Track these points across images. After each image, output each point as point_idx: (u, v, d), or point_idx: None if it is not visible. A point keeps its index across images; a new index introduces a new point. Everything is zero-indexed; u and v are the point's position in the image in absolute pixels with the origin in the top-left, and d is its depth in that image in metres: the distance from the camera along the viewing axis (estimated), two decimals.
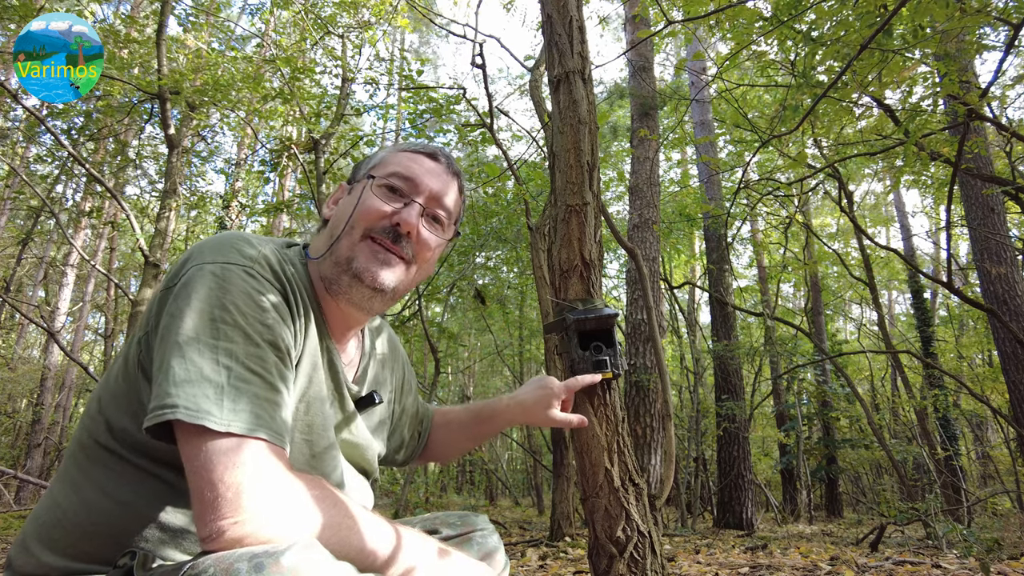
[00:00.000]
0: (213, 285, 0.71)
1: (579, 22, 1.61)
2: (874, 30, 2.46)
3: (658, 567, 1.35)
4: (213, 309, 0.70)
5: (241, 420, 0.65)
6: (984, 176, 5.10)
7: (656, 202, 6.78)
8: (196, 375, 0.66)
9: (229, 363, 0.67)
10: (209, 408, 0.64)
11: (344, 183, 0.98)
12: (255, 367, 0.69)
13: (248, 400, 0.67)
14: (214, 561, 0.57)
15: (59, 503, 0.76)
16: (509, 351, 11.79)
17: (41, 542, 0.75)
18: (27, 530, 0.77)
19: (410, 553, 0.74)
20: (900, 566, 3.14)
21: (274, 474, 0.65)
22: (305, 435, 0.83)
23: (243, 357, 0.69)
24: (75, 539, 0.74)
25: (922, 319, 10.75)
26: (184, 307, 0.70)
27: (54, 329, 9.24)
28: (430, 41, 19.83)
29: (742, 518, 6.89)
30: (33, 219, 9.33)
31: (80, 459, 0.78)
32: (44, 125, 5.25)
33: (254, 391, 0.68)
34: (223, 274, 0.73)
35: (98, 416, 0.78)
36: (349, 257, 0.86)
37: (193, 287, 0.71)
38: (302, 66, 6.06)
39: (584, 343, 1.40)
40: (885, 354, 8.73)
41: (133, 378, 0.76)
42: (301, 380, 0.82)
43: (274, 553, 0.56)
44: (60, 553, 0.73)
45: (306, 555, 0.58)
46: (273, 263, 0.79)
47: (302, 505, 0.66)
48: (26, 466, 9.67)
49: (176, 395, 0.64)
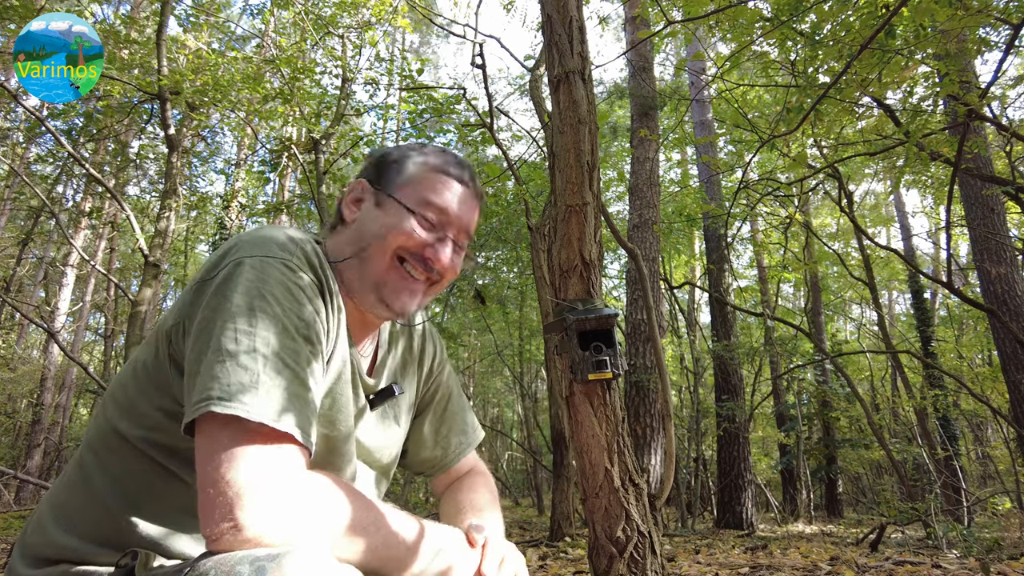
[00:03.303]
0: (252, 278, 0.72)
1: (579, 22, 1.62)
2: (874, 30, 2.46)
3: (658, 567, 1.35)
4: (252, 300, 0.70)
5: (272, 411, 0.65)
6: (984, 176, 5.10)
7: (656, 202, 6.78)
8: (233, 367, 0.65)
9: (266, 353, 0.67)
10: (243, 399, 0.64)
11: (365, 182, 0.95)
12: (289, 361, 0.69)
13: (280, 393, 0.67)
14: (215, 564, 0.57)
15: (75, 488, 0.78)
16: (509, 351, 11.78)
17: (56, 523, 0.76)
18: (42, 511, 0.79)
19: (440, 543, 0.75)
20: (900, 566, 3.14)
21: (289, 472, 0.65)
22: (327, 429, 0.83)
23: (279, 350, 0.69)
24: (90, 523, 0.75)
25: (922, 319, 10.75)
26: (222, 302, 0.70)
27: (54, 329, 9.24)
28: (430, 41, 19.84)
29: (742, 518, 6.89)
30: (33, 219, 9.32)
31: (98, 447, 0.79)
32: (44, 125, 5.24)
33: (285, 384, 0.68)
34: (261, 267, 0.73)
35: (123, 405, 0.78)
36: (379, 282, 0.88)
37: (232, 281, 0.72)
38: (302, 66, 6.06)
39: (584, 343, 1.40)
40: (885, 354, 8.73)
41: (163, 369, 0.76)
42: (330, 375, 0.83)
43: (276, 557, 0.56)
44: (74, 534, 0.75)
45: (308, 560, 0.57)
46: (311, 257, 0.80)
47: (316, 507, 0.65)
48: (26, 466, 9.67)
49: (212, 388, 0.64)
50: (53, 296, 11.34)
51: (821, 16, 3.29)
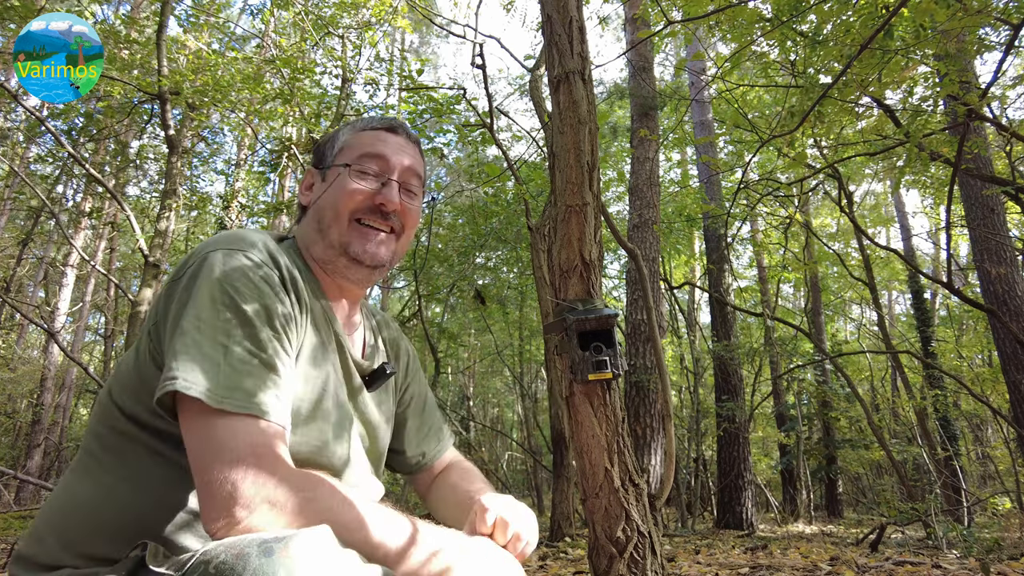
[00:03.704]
0: (216, 271, 0.76)
1: (579, 22, 1.61)
2: (874, 30, 2.46)
3: (658, 567, 1.35)
4: (214, 292, 0.74)
5: (236, 398, 0.69)
6: (984, 176, 5.10)
7: (656, 202, 6.78)
8: (196, 353, 0.70)
9: (227, 343, 0.72)
10: (205, 382, 0.68)
11: (312, 168, 1.02)
12: (252, 347, 0.73)
13: (244, 378, 0.71)
14: (226, 547, 0.59)
15: (75, 492, 0.78)
16: (509, 351, 11.78)
17: (55, 532, 0.76)
18: (41, 519, 0.79)
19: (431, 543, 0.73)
20: (900, 566, 3.14)
21: (268, 462, 0.67)
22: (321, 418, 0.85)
23: (241, 338, 0.73)
24: (90, 528, 0.75)
25: (922, 319, 10.75)
26: (189, 294, 0.75)
27: (54, 329, 9.24)
28: (430, 41, 19.82)
29: (742, 518, 6.89)
30: (33, 219, 9.32)
31: (95, 448, 0.80)
32: (44, 125, 5.25)
33: (250, 370, 0.71)
34: (225, 260, 0.77)
35: (111, 405, 0.81)
36: (343, 243, 0.92)
37: (198, 275, 0.76)
38: (302, 66, 6.06)
39: (584, 343, 1.40)
40: (885, 354, 8.73)
41: (145, 368, 0.79)
42: (311, 365, 0.85)
43: (283, 539, 0.59)
44: (74, 543, 0.75)
45: (314, 541, 0.60)
46: (272, 249, 0.84)
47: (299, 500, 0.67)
48: (26, 466, 9.67)
49: (176, 369, 0.69)
50: (53, 296, 11.34)
51: (821, 16, 3.29)
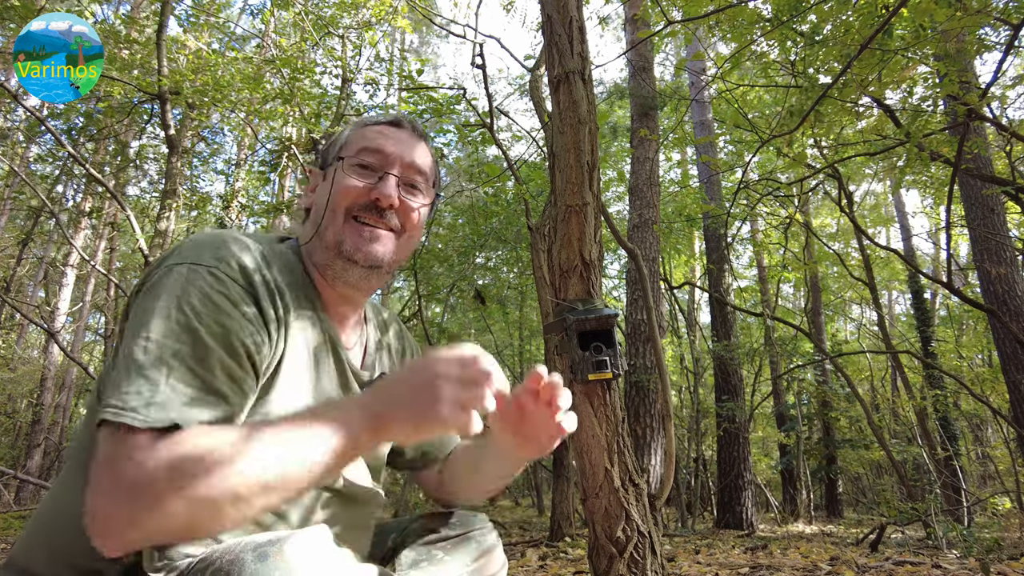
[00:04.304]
0: (175, 287, 0.72)
1: (579, 22, 1.62)
2: (874, 30, 2.46)
3: (658, 567, 1.35)
4: (170, 309, 0.70)
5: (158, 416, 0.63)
6: (984, 176, 5.10)
7: (656, 202, 6.78)
8: (135, 374, 0.65)
9: (172, 363, 0.67)
10: (136, 407, 0.63)
11: (316, 169, 0.98)
12: (199, 370, 0.68)
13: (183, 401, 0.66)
14: (221, 553, 0.59)
15: (62, 500, 0.77)
16: (509, 351, 11.78)
17: (44, 541, 0.75)
18: (31, 527, 0.78)
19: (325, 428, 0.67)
20: (900, 566, 3.14)
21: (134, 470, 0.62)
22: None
23: (188, 359, 0.68)
24: (76, 537, 0.73)
25: (922, 319, 10.75)
26: (145, 307, 0.71)
27: (54, 329, 9.24)
28: (430, 41, 19.82)
29: (742, 518, 6.89)
30: (33, 219, 9.31)
31: (83, 457, 0.77)
32: (44, 125, 5.24)
33: (192, 393, 0.67)
34: (188, 275, 0.73)
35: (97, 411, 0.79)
36: (337, 241, 0.87)
37: (159, 288, 0.72)
38: (302, 66, 6.05)
39: (584, 343, 1.41)
40: (885, 354, 8.72)
41: None
42: (299, 377, 0.82)
43: (277, 542, 0.58)
44: (60, 553, 0.74)
45: (307, 543, 0.59)
46: (247, 264, 0.78)
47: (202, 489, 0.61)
48: (26, 466, 9.66)
49: (111, 396, 0.65)
50: (53, 296, 11.33)
51: (821, 16, 3.29)
